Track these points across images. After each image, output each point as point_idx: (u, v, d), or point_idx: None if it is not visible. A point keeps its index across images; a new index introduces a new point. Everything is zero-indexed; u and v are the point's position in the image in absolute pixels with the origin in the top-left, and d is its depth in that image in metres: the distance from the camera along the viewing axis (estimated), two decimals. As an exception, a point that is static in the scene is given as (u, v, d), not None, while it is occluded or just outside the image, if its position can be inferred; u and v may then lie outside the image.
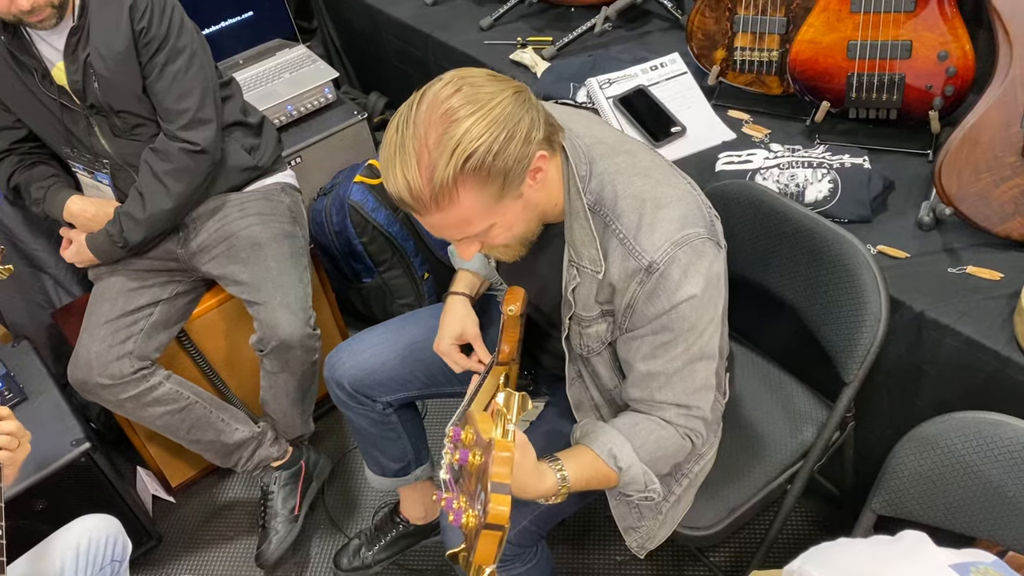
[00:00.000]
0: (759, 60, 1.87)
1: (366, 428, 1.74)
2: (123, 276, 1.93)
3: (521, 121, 1.09)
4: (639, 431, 1.28)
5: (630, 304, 1.22)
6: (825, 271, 1.47)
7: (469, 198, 1.09)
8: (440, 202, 1.09)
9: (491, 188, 1.10)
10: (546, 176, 1.17)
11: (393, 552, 2.00)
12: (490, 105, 1.07)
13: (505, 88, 1.10)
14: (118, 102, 1.81)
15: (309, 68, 2.55)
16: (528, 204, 1.18)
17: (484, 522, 0.99)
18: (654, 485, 1.29)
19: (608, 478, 1.27)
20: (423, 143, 1.07)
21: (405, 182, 1.08)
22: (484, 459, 1.04)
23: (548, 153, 1.15)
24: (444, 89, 1.09)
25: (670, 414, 1.28)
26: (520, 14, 2.40)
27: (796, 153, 1.72)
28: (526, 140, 1.10)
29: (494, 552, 1.02)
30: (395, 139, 1.09)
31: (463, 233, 1.17)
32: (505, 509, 0.99)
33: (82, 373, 1.83)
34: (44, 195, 1.93)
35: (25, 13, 1.66)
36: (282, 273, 1.88)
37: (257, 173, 2.02)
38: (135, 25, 1.75)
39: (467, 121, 1.06)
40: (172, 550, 2.17)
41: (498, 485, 1.00)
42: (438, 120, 1.07)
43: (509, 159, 1.08)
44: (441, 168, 1.06)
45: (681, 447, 1.30)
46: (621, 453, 1.26)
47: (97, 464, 1.91)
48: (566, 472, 1.22)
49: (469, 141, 1.05)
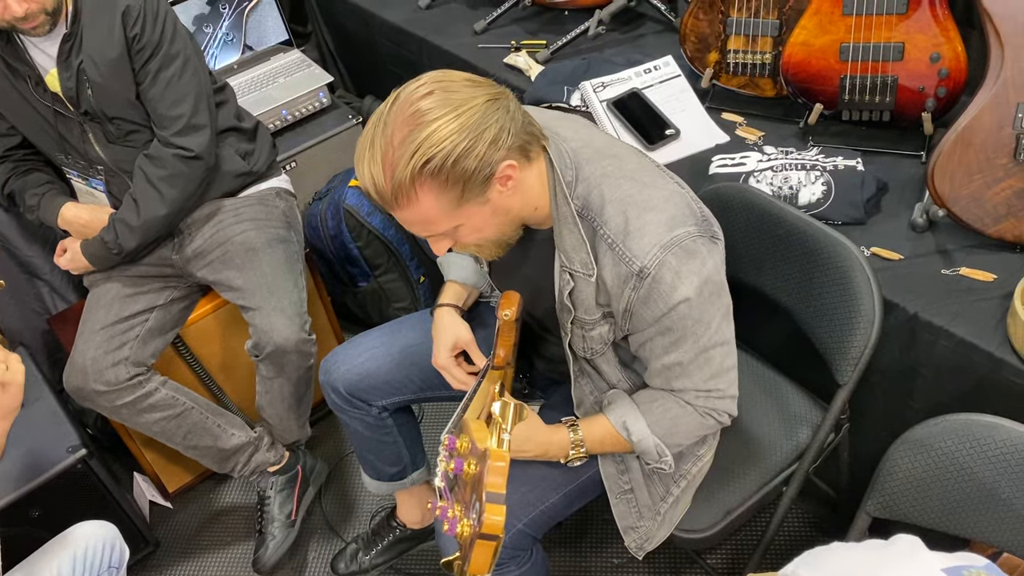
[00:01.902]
0: (752, 63, 1.88)
1: (362, 432, 1.74)
2: (118, 282, 1.93)
3: (488, 129, 1.10)
4: (655, 407, 1.33)
5: (627, 309, 1.23)
6: (819, 273, 1.47)
7: (428, 200, 1.11)
8: (400, 200, 1.11)
9: (450, 193, 1.11)
10: (519, 184, 1.18)
11: (390, 556, 2.00)
12: (459, 111, 1.08)
13: (479, 94, 1.11)
14: (112, 109, 1.81)
15: (303, 73, 2.55)
16: (498, 209, 1.19)
17: (479, 532, 1.00)
18: (667, 458, 1.36)
19: (623, 444, 1.36)
20: (389, 141, 1.09)
21: (371, 177, 1.11)
22: (479, 469, 1.04)
23: (520, 162, 1.16)
24: (418, 90, 1.10)
25: (689, 397, 1.31)
26: (514, 17, 2.40)
27: (789, 155, 1.72)
28: (491, 148, 1.10)
29: (489, 562, 1.02)
30: (368, 134, 1.12)
31: (429, 231, 1.19)
32: (500, 519, 1.00)
33: (78, 379, 1.82)
34: (39, 202, 1.93)
35: (19, 20, 1.65)
36: (277, 278, 1.87)
37: (252, 178, 2.02)
38: (128, 32, 1.74)
39: (432, 125, 1.07)
40: (169, 556, 2.17)
41: (493, 495, 1.01)
42: (405, 121, 1.08)
43: (470, 166, 1.09)
44: (400, 168, 1.08)
45: (701, 424, 1.33)
46: (634, 427, 1.32)
47: (93, 470, 1.91)
48: (580, 432, 1.34)
49: (429, 146, 1.07)
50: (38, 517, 1.86)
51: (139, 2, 1.75)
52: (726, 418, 1.35)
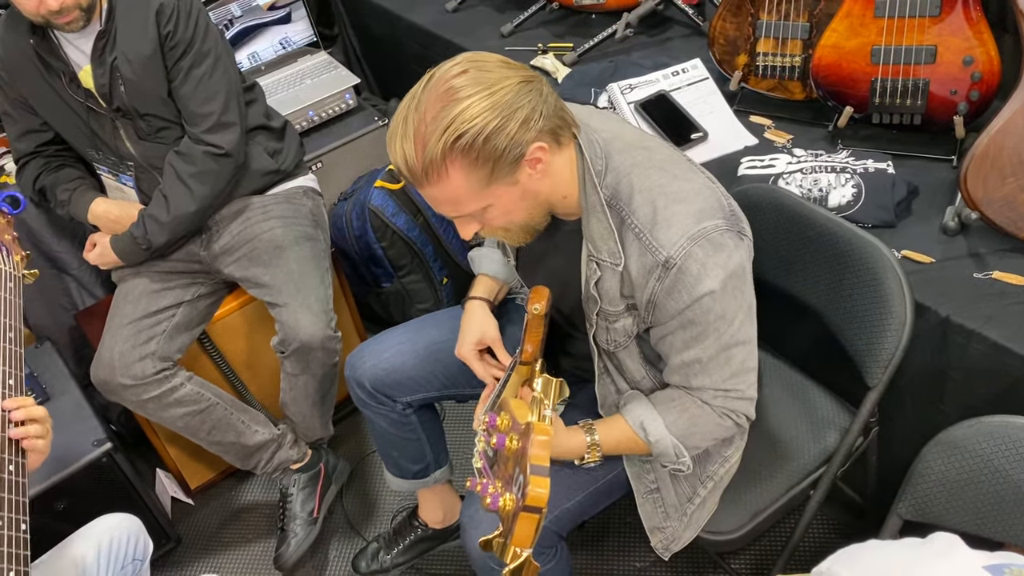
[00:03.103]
0: (781, 65, 1.87)
1: (386, 429, 1.74)
2: (146, 278, 1.94)
3: (520, 109, 1.10)
4: (674, 407, 1.32)
5: (651, 300, 1.23)
6: (849, 275, 1.46)
7: (458, 177, 1.12)
8: (430, 176, 1.12)
9: (480, 171, 1.12)
10: (548, 168, 1.18)
11: (412, 556, 2.00)
12: (492, 89, 1.09)
13: (513, 75, 1.12)
14: (143, 105, 1.82)
15: (330, 74, 2.57)
16: (527, 192, 1.19)
17: (523, 505, 0.99)
18: (684, 458, 1.34)
19: (640, 445, 1.34)
20: (422, 118, 1.09)
21: (402, 153, 1.12)
22: (522, 443, 1.04)
23: (550, 145, 1.16)
24: (452, 68, 1.11)
25: (707, 396, 1.30)
26: (541, 20, 2.41)
27: (819, 158, 1.71)
28: (522, 128, 1.11)
29: (532, 535, 1.02)
30: (401, 111, 1.13)
31: (457, 211, 1.19)
32: (544, 491, 1.00)
33: (105, 373, 1.84)
34: (69, 197, 1.94)
35: (53, 14, 1.67)
36: (304, 275, 1.88)
37: (280, 177, 2.03)
38: (161, 29, 1.76)
39: (465, 102, 1.08)
40: (191, 552, 2.17)
41: (537, 467, 1.00)
42: (438, 98, 1.09)
43: (500, 145, 1.10)
44: (432, 144, 1.09)
45: (719, 425, 1.32)
46: (652, 427, 1.31)
47: (118, 464, 1.92)
48: (596, 434, 1.33)
49: (461, 121, 1.07)
50: (63, 510, 1.86)
51: (173, 0, 1.77)
52: (744, 420, 1.34)
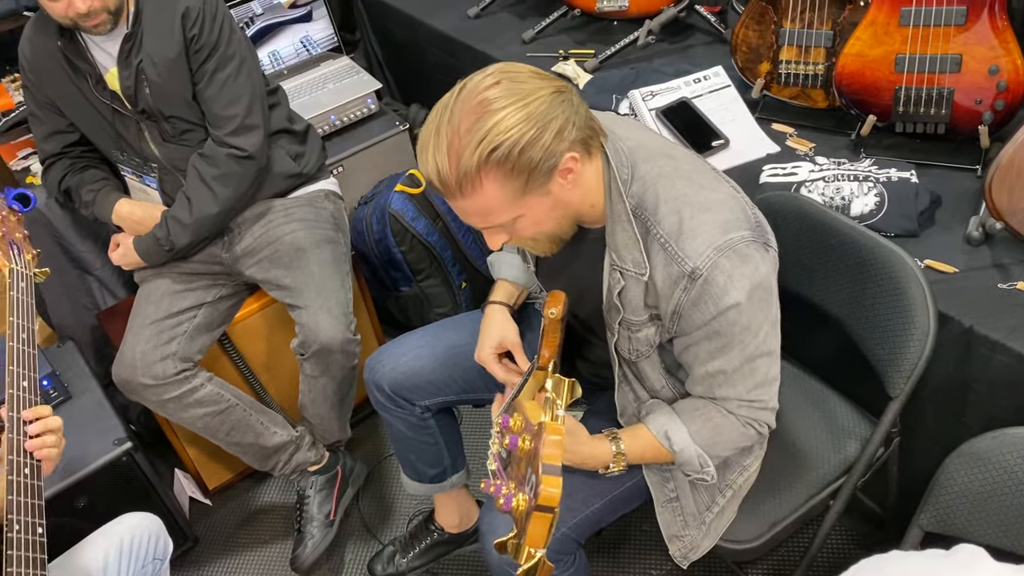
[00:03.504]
0: (804, 73, 1.87)
1: (404, 432, 1.75)
2: (168, 279, 1.96)
3: (554, 120, 1.10)
4: (697, 416, 1.31)
5: (676, 310, 1.22)
6: (872, 284, 1.45)
7: (492, 188, 1.12)
8: (464, 189, 1.12)
9: (515, 182, 1.12)
10: (579, 178, 1.18)
11: (427, 560, 2.00)
12: (525, 100, 1.09)
13: (545, 86, 1.12)
14: (168, 107, 1.84)
15: (352, 79, 2.59)
16: (558, 203, 1.19)
17: (535, 504, 1.00)
18: (709, 468, 1.33)
19: (664, 455, 1.34)
20: (455, 130, 1.09)
21: (435, 165, 1.11)
22: (534, 444, 1.04)
23: (581, 155, 1.16)
24: (485, 80, 1.11)
25: (732, 406, 1.29)
26: (562, 27, 2.42)
27: (842, 166, 1.71)
28: (556, 139, 1.11)
29: (545, 534, 1.02)
30: (433, 122, 1.12)
31: (488, 222, 1.19)
32: (556, 491, 1.00)
33: (126, 373, 1.85)
34: (94, 198, 1.97)
35: (82, 17, 1.69)
36: (324, 278, 1.89)
37: (302, 180, 2.04)
38: (187, 32, 1.78)
39: (499, 114, 1.08)
40: (208, 552, 2.18)
41: (549, 467, 1.01)
42: (472, 109, 1.09)
43: (535, 156, 1.10)
44: (467, 156, 1.08)
45: (742, 434, 1.32)
46: (676, 436, 1.31)
47: (137, 463, 1.93)
48: (622, 443, 1.32)
49: (497, 133, 1.07)
50: (83, 508, 1.88)
51: (198, 4, 1.78)
52: (765, 429, 1.33)
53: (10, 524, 1.19)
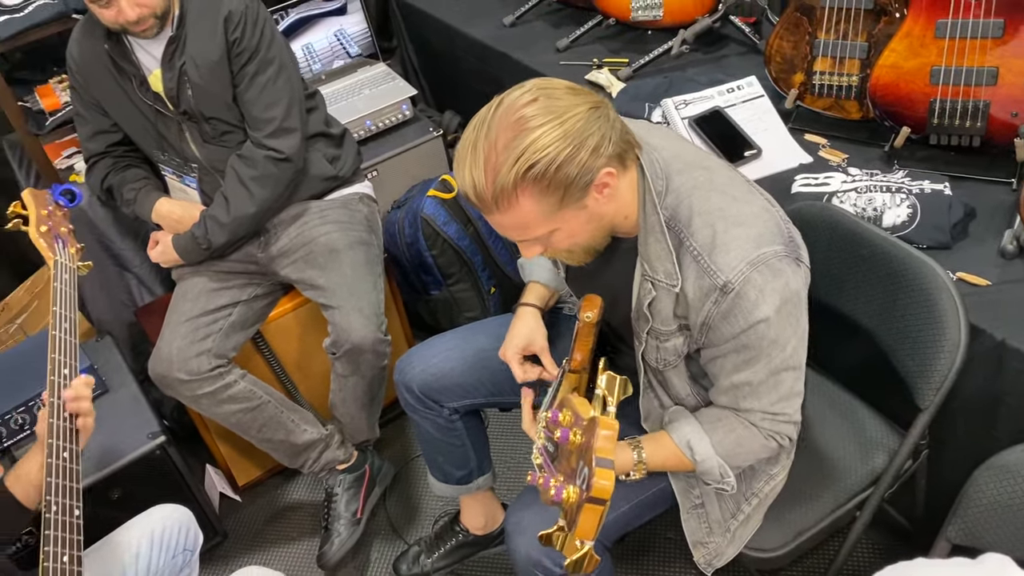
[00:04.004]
0: (838, 84, 1.87)
1: (432, 433, 1.77)
2: (205, 277, 2.00)
3: (590, 136, 1.11)
4: (720, 426, 1.31)
5: (705, 322, 1.23)
6: (903, 295, 1.45)
7: (529, 204, 1.13)
8: (500, 204, 1.13)
9: (551, 198, 1.13)
10: (614, 191, 1.19)
11: (452, 561, 2.01)
12: (562, 118, 1.10)
13: (581, 103, 1.13)
14: (209, 109, 1.89)
15: (388, 85, 2.63)
16: (593, 216, 1.20)
17: (588, 496, 1.01)
18: (729, 478, 1.33)
19: (685, 464, 1.33)
20: (492, 146, 1.11)
21: (471, 180, 1.13)
22: (586, 438, 1.06)
23: (617, 170, 1.17)
24: (522, 97, 1.12)
25: (755, 418, 1.29)
26: (597, 36, 2.43)
27: (874, 177, 1.70)
28: (592, 155, 1.12)
29: (595, 526, 1.03)
30: (470, 138, 1.14)
31: (524, 236, 1.21)
32: (609, 484, 1.02)
33: (162, 368, 1.89)
34: (135, 196, 2.01)
35: (131, 23, 1.75)
36: (357, 279, 1.92)
37: (337, 183, 2.08)
38: (229, 36, 1.82)
39: (536, 131, 1.09)
40: (237, 547, 2.22)
41: (603, 460, 1.02)
42: (510, 126, 1.10)
43: (571, 172, 1.11)
44: (504, 173, 1.10)
45: (764, 446, 1.32)
46: (699, 446, 1.31)
47: (170, 457, 1.97)
48: (644, 451, 1.31)
49: (534, 151, 1.09)
50: (117, 499, 1.92)
51: (241, 8, 1.83)
52: (787, 441, 1.33)
53: (48, 505, 1.23)
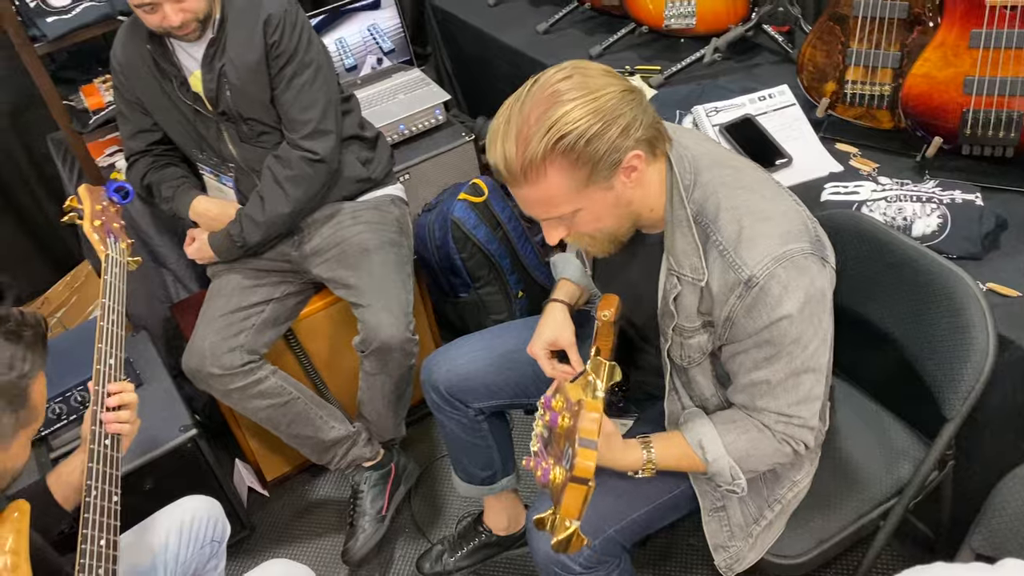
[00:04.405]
0: (870, 94, 1.87)
1: (457, 433, 1.79)
2: (239, 274, 2.04)
3: (622, 116, 1.13)
4: (733, 428, 1.32)
5: (729, 317, 1.24)
6: (931, 304, 1.44)
7: (556, 177, 1.15)
8: (528, 175, 1.15)
9: (579, 173, 1.14)
10: (642, 177, 1.21)
11: (474, 561, 2.03)
12: (595, 94, 1.12)
13: (616, 84, 1.15)
14: (247, 110, 1.93)
15: (422, 90, 2.66)
16: (620, 200, 1.21)
17: (571, 475, 1.04)
18: (740, 480, 1.33)
19: (696, 464, 1.34)
20: (525, 119, 1.13)
21: (502, 151, 1.15)
22: (573, 421, 1.08)
23: (646, 154, 1.19)
24: (557, 74, 1.15)
25: (770, 420, 1.29)
26: (630, 44, 2.45)
27: (905, 187, 1.70)
28: (622, 135, 1.14)
29: (579, 506, 1.05)
30: (505, 112, 1.17)
31: (548, 213, 1.22)
32: (591, 463, 1.04)
33: (196, 362, 1.93)
34: (173, 194, 2.06)
35: (174, 28, 1.79)
36: (387, 279, 1.95)
37: (370, 185, 2.11)
38: (268, 39, 1.87)
39: (568, 105, 1.11)
40: (263, 541, 2.25)
41: (586, 441, 1.05)
42: (543, 100, 1.13)
43: (600, 149, 1.13)
44: (534, 143, 1.12)
45: (777, 451, 1.31)
46: (711, 446, 1.31)
47: (201, 450, 2.01)
48: (653, 451, 1.32)
49: (565, 123, 1.11)
50: (149, 490, 1.96)
51: (280, 12, 1.87)
52: (802, 448, 1.33)
53: (88, 489, 1.27)
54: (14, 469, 1.19)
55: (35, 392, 1.18)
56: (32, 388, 1.17)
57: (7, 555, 1.14)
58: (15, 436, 1.16)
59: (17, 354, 1.14)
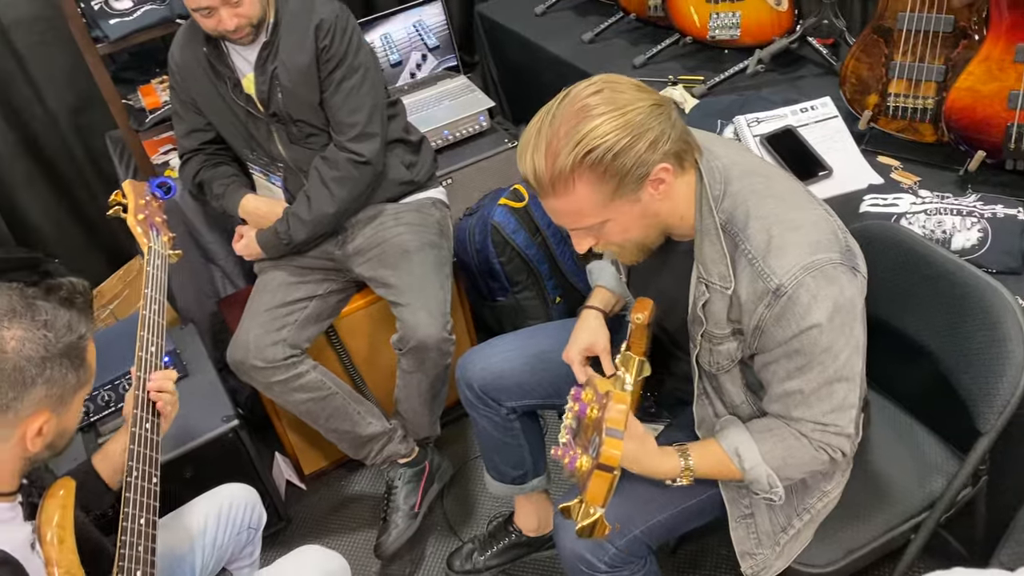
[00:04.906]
0: (913, 107, 1.86)
1: (489, 431, 1.81)
2: (284, 271, 2.10)
3: (650, 130, 1.15)
4: (770, 436, 1.32)
5: (758, 326, 1.25)
6: (967, 317, 1.43)
7: (584, 190, 1.17)
8: (556, 188, 1.18)
9: (606, 186, 1.17)
10: (670, 189, 1.22)
11: (504, 561, 2.05)
12: (623, 110, 1.15)
13: (645, 98, 1.17)
14: (297, 112, 1.99)
15: (467, 97, 2.71)
16: (647, 211, 1.23)
17: (597, 463, 1.07)
18: (778, 488, 1.33)
19: (733, 472, 1.33)
20: (555, 132, 1.16)
21: (532, 164, 1.18)
22: (601, 412, 1.11)
23: (674, 167, 1.21)
24: (587, 88, 1.18)
25: (806, 428, 1.30)
26: (674, 54, 2.47)
27: (945, 200, 1.69)
28: (650, 149, 1.16)
29: (604, 493, 1.09)
30: (535, 124, 1.20)
31: (577, 223, 1.24)
32: (617, 452, 1.07)
33: (240, 354, 1.99)
34: (224, 192, 2.13)
35: (229, 31, 1.86)
36: (426, 279, 1.99)
37: (413, 187, 2.16)
38: (319, 42, 1.92)
39: (597, 119, 1.14)
40: (299, 533, 2.30)
41: (612, 430, 1.08)
42: (572, 114, 1.16)
43: (628, 163, 1.15)
44: (563, 157, 1.15)
45: (814, 458, 1.31)
46: (747, 454, 1.31)
47: (242, 441, 2.06)
48: (691, 458, 1.32)
49: (593, 137, 1.13)
50: (190, 478, 2.01)
51: (331, 17, 1.92)
52: (839, 455, 1.33)
53: (129, 470, 1.32)
54: (71, 430, 1.26)
55: (89, 354, 1.25)
56: (87, 350, 1.24)
57: (54, 529, 1.19)
58: (75, 396, 1.22)
59: (73, 318, 1.21)
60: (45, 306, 1.19)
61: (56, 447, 1.23)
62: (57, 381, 1.17)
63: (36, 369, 1.14)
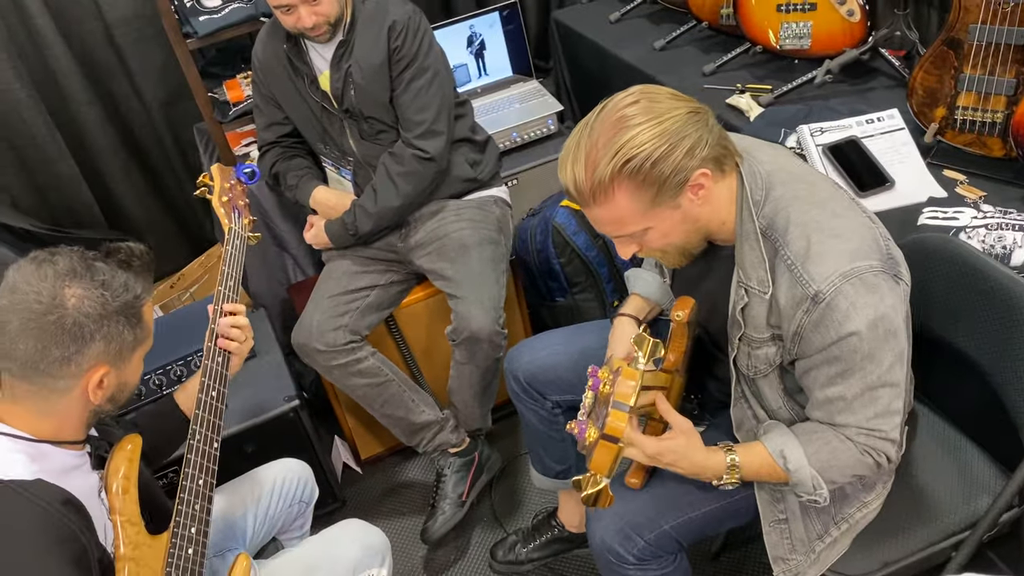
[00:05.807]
0: (982, 121, 1.82)
1: (535, 424, 1.85)
2: (350, 260, 2.19)
3: (687, 137, 1.18)
4: (815, 439, 1.32)
5: (797, 332, 1.26)
6: (1021, 333, 1.41)
7: (623, 199, 1.20)
8: (597, 197, 1.21)
9: (646, 194, 1.20)
10: (709, 194, 1.24)
11: (546, 554, 2.09)
12: (660, 118, 1.17)
13: (681, 106, 1.20)
14: (368, 109, 2.07)
15: (537, 101, 2.76)
16: (687, 217, 1.26)
17: (602, 433, 1.12)
18: (822, 490, 1.33)
19: (778, 473, 1.34)
20: (594, 143, 1.19)
21: (572, 174, 1.22)
22: (612, 387, 1.15)
23: (713, 172, 1.23)
24: (625, 99, 1.21)
25: (851, 433, 1.30)
26: (744, 63, 2.47)
27: (1008, 215, 1.66)
28: (687, 155, 1.18)
29: (609, 463, 1.13)
30: (575, 136, 1.23)
31: (618, 231, 1.28)
32: (622, 424, 1.11)
33: (303, 337, 2.08)
34: (297, 183, 2.23)
35: (307, 29, 1.96)
36: (482, 274, 2.05)
37: (476, 185, 2.22)
38: (391, 43, 2.00)
39: (635, 129, 1.17)
40: (351, 514, 2.33)
41: (618, 403, 1.12)
42: (611, 125, 1.19)
43: (666, 170, 1.18)
44: (602, 167, 1.18)
45: (859, 461, 1.31)
46: (792, 455, 1.32)
47: (302, 421, 2.15)
48: (737, 458, 1.33)
49: (631, 147, 1.16)
50: (250, 453, 2.11)
51: (404, 19, 2.00)
52: (884, 460, 1.32)
53: (193, 433, 1.41)
54: (132, 384, 1.35)
55: (147, 313, 1.33)
56: (144, 309, 1.32)
57: (120, 480, 1.29)
58: (134, 352, 1.31)
59: (130, 279, 1.30)
60: (103, 267, 1.28)
61: (117, 400, 1.33)
62: (115, 337, 1.25)
63: (95, 325, 1.23)
